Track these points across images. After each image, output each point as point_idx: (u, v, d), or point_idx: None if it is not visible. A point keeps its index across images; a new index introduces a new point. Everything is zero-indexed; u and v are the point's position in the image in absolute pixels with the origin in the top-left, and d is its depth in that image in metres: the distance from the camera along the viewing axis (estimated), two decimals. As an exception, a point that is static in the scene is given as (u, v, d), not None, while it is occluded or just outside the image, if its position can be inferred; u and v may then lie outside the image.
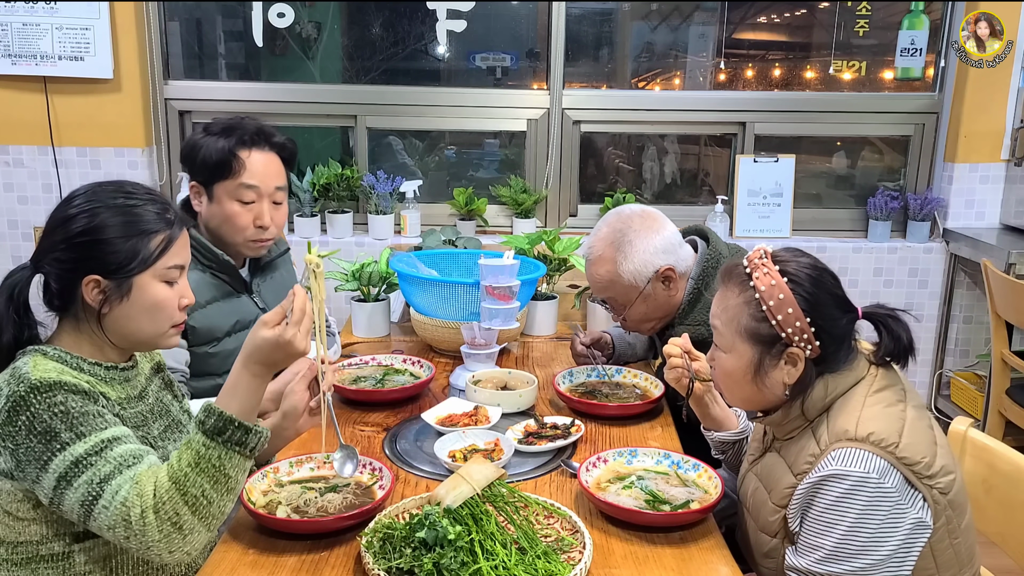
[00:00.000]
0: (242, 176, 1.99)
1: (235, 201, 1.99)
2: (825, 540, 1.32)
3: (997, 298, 3.07)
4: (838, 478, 1.31)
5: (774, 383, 1.42)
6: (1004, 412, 3.14)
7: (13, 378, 1.24)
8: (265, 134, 2.05)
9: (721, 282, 1.49)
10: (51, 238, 1.33)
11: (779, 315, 1.38)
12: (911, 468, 1.31)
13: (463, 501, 1.34)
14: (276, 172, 2.06)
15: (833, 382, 1.40)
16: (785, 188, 3.75)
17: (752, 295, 1.40)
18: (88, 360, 1.33)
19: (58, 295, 1.33)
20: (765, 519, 1.45)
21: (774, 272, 1.39)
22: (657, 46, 3.93)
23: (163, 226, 1.36)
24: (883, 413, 1.36)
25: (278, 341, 1.28)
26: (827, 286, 1.40)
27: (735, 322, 1.43)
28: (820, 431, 1.39)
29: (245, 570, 1.36)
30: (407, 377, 2.16)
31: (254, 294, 2.14)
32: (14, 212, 3.59)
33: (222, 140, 1.99)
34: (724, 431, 1.72)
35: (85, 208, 1.32)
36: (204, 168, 1.99)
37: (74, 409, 1.21)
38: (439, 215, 3.78)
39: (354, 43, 3.86)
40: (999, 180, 3.68)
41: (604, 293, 2.06)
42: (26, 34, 3.38)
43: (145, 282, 1.34)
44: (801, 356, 1.38)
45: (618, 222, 2.02)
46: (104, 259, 1.31)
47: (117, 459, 1.20)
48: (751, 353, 1.42)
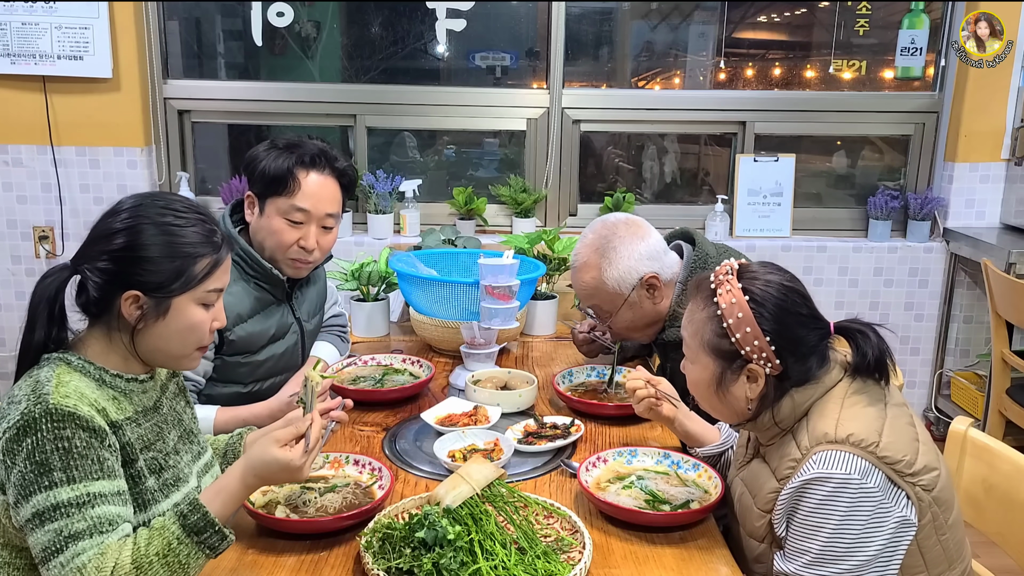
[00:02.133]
0: (295, 197, 1.93)
1: (283, 219, 1.94)
2: (812, 544, 1.32)
3: (997, 298, 3.07)
4: (821, 481, 1.31)
5: (735, 397, 1.44)
6: (1004, 412, 3.14)
7: (33, 393, 1.23)
8: (327, 157, 1.97)
9: (691, 294, 1.50)
10: (96, 246, 1.31)
11: (738, 333, 1.39)
12: (893, 467, 1.31)
13: (463, 501, 1.34)
14: (330, 197, 1.98)
15: (801, 395, 1.40)
16: (785, 187, 3.75)
17: (715, 310, 1.41)
18: (111, 371, 1.32)
19: (95, 303, 1.31)
20: (752, 524, 1.46)
21: (736, 290, 1.40)
22: (657, 45, 3.93)
23: (210, 250, 1.34)
24: (862, 413, 1.36)
25: (289, 465, 1.27)
26: (791, 305, 1.40)
27: (699, 335, 1.45)
28: (800, 435, 1.39)
29: (245, 570, 1.36)
30: (406, 377, 2.16)
31: (294, 301, 2.11)
32: (13, 212, 3.58)
33: (283, 157, 1.93)
34: (706, 446, 1.73)
35: (133, 223, 1.30)
36: (261, 181, 1.94)
37: (77, 448, 1.20)
38: (438, 214, 3.78)
39: (353, 42, 3.86)
40: (999, 179, 3.68)
41: (590, 301, 2.07)
42: (25, 33, 3.37)
43: (183, 303, 1.32)
44: (761, 373, 1.40)
45: (603, 229, 2.03)
46: (147, 277, 1.29)
47: (93, 519, 1.18)
48: (713, 366, 1.44)
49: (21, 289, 3.63)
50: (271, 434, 1.29)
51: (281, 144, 1.96)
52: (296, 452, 1.27)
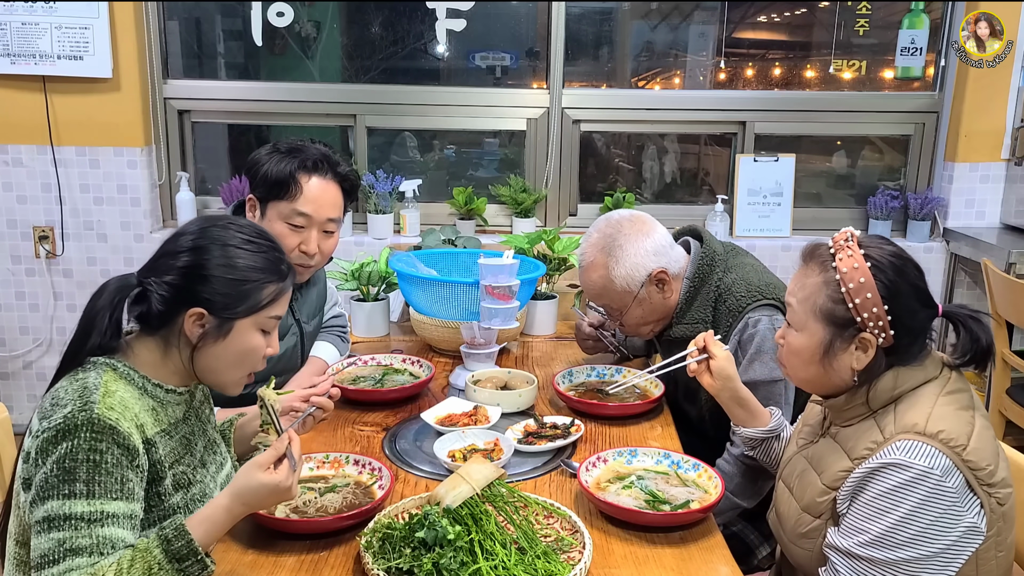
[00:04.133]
0: (297, 201, 1.92)
1: (285, 224, 1.93)
2: (873, 525, 1.31)
3: (997, 297, 3.07)
4: (899, 467, 1.30)
5: (842, 367, 1.41)
6: (1004, 412, 3.14)
7: (80, 399, 1.23)
8: (330, 162, 1.97)
9: (802, 260, 1.48)
10: (167, 261, 1.32)
11: (857, 298, 1.37)
12: (975, 472, 1.30)
13: (462, 501, 1.34)
14: (332, 202, 1.97)
15: (903, 375, 1.39)
16: (785, 187, 3.75)
17: (832, 276, 1.39)
18: (153, 381, 1.33)
19: (157, 316, 1.32)
20: (812, 499, 1.44)
21: (858, 255, 1.38)
22: (657, 45, 3.93)
23: (276, 277, 1.36)
24: (954, 415, 1.35)
25: (277, 488, 1.27)
26: (910, 277, 1.39)
27: (810, 301, 1.42)
28: (885, 421, 1.38)
29: (244, 570, 1.36)
30: (406, 377, 2.16)
31: (294, 303, 2.10)
32: (13, 211, 3.58)
33: (285, 161, 1.92)
34: (752, 428, 1.70)
35: (205, 243, 1.32)
36: (263, 185, 1.93)
37: (107, 464, 1.21)
38: (438, 214, 3.78)
39: (353, 42, 3.85)
40: (999, 179, 3.68)
41: (599, 300, 2.06)
42: (25, 33, 3.37)
43: (245, 327, 1.34)
44: (873, 343, 1.37)
45: (608, 227, 2.02)
46: (214, 297, 1.30)
47: (97, 538, 1.19)
48: (823, 334, 1.41)
49: (21, 289, 3.63)
50: (252, 460, 1.29)
51: (283, 148, 1.96)
52: (281, 473, 1.27)
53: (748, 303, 1.91)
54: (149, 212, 3.63)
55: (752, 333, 1.88)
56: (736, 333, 1.91)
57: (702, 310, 1.98)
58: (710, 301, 1.98)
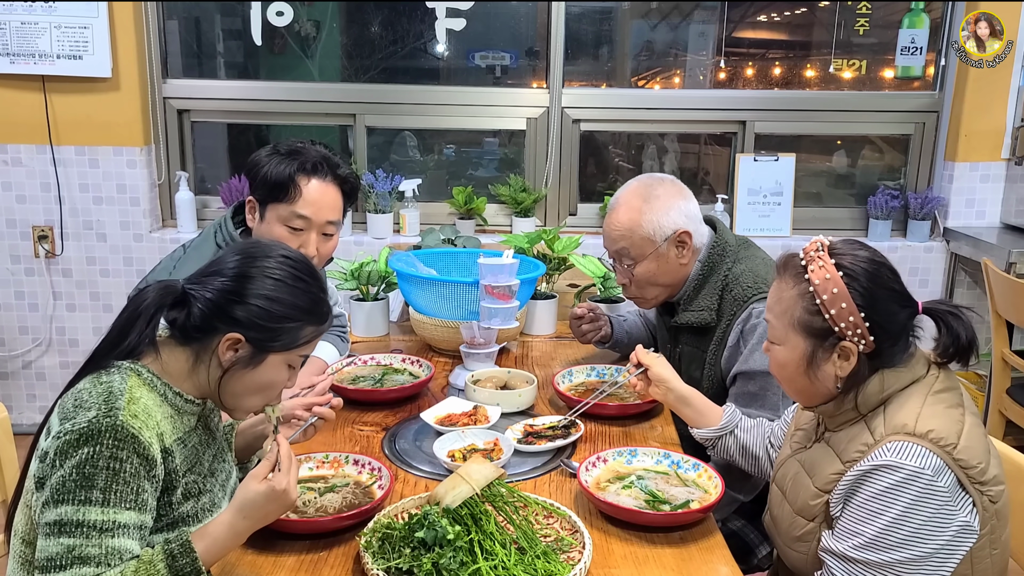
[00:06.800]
0: (296, 204, 1.91)
1: (284, 226, 1.92)
2: (866, 527, 1.31)
3: (997, 297, 3.07)
4: (891, 469, 1.30)
5: (826, 376, 1.41)
6: (1004, 412, 3.14)
7: (106, 404, 1.22)
8: (329, 164, 1.95)
9: (776, 273, 1.48)
10: (218, 278, 1.32)
11: (833, 309, 1.36)
12: (966, 471, 1.30)
13: (462, 501, 1.33)
14: (331, 205, 1.96)
15: (890, 378, 1.39)
16: (785, 187, 3.75)
17: (807, 287, 1.39)
18: (174, 389, 1.32)
19: (195, 330, 1.31)
20: (805, 502, 1.44)
21: (829, 265, 1.38)
22: (657, 45, 3.93)
23: (317, 320, 1.36)
24: (944, 413, 1.35)
25: (272, 493, 1.27)
26: (884, 280, 1.39)
27: (788, 314, 1.42)
28: (875, 423, 1.38)
29: (244, 570, 1.36)
30: (406, 376, 2.15)
31: None
32: (12, 211, 3.58)
33: (285, 163, 1.92)
34: (703, 428, 1.75)
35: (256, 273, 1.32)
36: (263, 187, 1.92)
37: (125, 472, 1.20)
38: (438, 214, 3.78)
39: (353, 42, 3.85)
40: (999, 179, 3.68)
41: (619, 243, 2.03)
42: (24, 33, 3.37)
43: (276, 361, 1.34)
44: (854, 350, 1.37)
45: (650, 180, 2.05)
46: (253, 326, 1.30)
47: (106, 548, 1.18)
48: (804, 346, 1.41)
49: (20, 289, 3.63)
50: (249, 474, 1.29)
51: (283, 150, 1.95)
52: (277, 478, 1.28)
53: (754, 293, 1.93)
54: (148, 212, 3.63)
55: (755, 324, 1.89)
56: (739, 323, 1.92)
57: (709, 297, 1.99)
58: (717, 289, 1.99)
